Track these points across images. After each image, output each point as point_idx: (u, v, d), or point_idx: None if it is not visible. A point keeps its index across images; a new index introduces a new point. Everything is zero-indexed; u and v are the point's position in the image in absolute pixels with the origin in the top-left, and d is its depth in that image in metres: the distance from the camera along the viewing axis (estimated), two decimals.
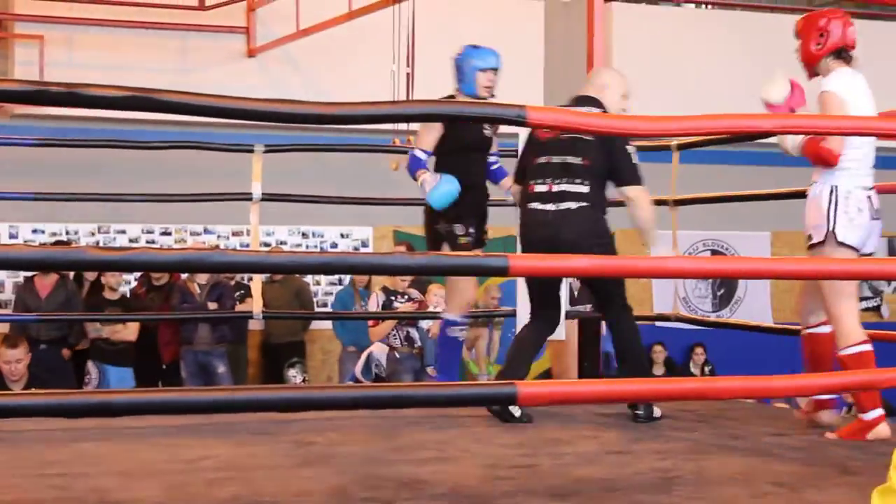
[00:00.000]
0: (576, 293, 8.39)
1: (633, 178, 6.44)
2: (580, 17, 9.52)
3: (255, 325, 12.79)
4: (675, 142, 8.16)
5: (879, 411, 5.84)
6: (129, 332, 11.95)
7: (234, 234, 14.30)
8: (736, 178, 12.25)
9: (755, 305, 15.82)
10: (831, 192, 5.83)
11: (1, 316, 12.52)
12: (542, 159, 6.44)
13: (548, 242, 6.18)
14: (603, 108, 6.42)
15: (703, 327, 9.98)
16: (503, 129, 6.81)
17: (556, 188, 6.36)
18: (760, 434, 6.06)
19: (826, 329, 6.03)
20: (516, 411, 6.26)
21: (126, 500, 4.41)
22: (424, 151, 6.96)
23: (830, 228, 5.81)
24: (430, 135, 6.95)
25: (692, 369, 14.79)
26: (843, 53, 6.01)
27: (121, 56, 13.47)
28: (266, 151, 8.31)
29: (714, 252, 15.77)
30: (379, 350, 11.56)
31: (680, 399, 5.88)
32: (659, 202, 8.10)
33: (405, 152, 6.83)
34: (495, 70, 7.10)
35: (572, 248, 5.98)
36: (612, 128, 4.65)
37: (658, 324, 11.46)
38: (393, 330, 11.12)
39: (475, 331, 12.99)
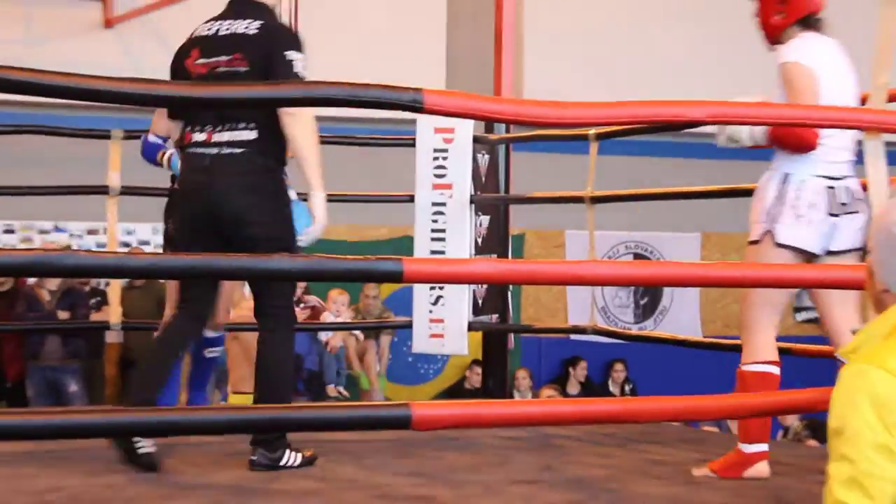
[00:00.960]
0: (480, 301, 8.42)
1: None
2: None
3: (112, 336, 12.70)
4: (592, 131, 7.92)
5: (763, 446, 5.57)
6: None
7: (90, 232, 14.22)
8: (662, 173, 12.40)
9: (682, 317, 15.94)
10: (783, 180, 5.49)
11: None
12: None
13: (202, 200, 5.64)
14: (268, 10, 5.72)
15: (623, 341, 10.07)
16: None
17: (216, 137, 5.63)
18: (686, 460, 6.12)
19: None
20: (144, 448, 5.56)
21: None
22: (159, 136, 6.82)
23: (768, 226, 5.48)
24: (162, 120, 6.64)
25: (611, 388, 14.86)
26: (810, 20, 5.63)
27: None
28: (126, 137, 8.25)
29: (637, 255, 15.90)
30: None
31: (596, 422, 5.92)
32: (574, 199, 8.16)
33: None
34: None
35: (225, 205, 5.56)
36: (519, 115, 4.67)
37: (573, 337, 11.57)
38: None
39: (363, 343, 13.01)
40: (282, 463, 5.55)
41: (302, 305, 10.94)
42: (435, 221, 7.91)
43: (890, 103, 5.19)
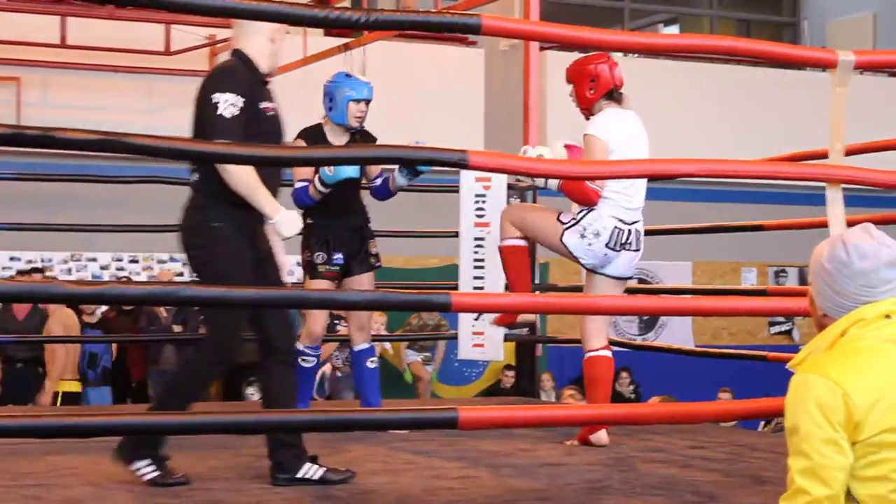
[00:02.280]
0: None
1: (213, 131, 4.75)
2: (517, 64, 9.60)
3: None
4: None
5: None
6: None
7: None
8: (661, 212, 12.38)
9: (678, 329, 15.89)
10: (587, 210, 5.88)
11: None
12: None
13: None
14: (248, 58, 5.02)
15: (629, 350, 10.02)
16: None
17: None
18: (681, 447, 6.11)
19: (605, 353, 6.14)
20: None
21: None
22: (303, 181, 6.53)
23: (566, 226, 5.89)
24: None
25: (619, 389, 14.80)
26: (614, 94, 6.08)
27: (92, 97, 13.44)
28: None
29: (641, 280, 15.83)
30: (330, 370, 11.65)
31: (608, 423, 5.93)
32: None
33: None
34: (367, 101, 6.67)
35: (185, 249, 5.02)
36: (542, 171, 4.68)
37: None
38: (335, 351, 11.21)
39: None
40: (299, 475, 4.93)
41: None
42: (476, 252, 7.91)
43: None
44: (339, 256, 6.69)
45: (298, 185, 6.55)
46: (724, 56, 10.68)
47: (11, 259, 13.66)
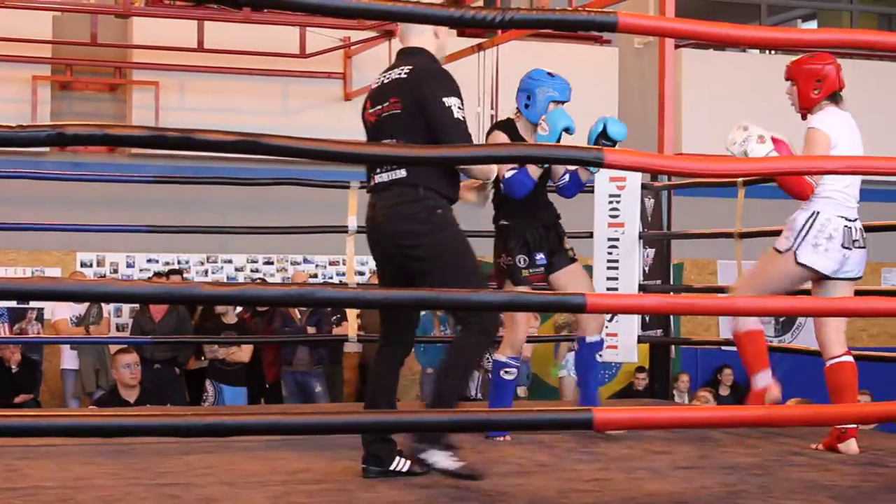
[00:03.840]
0: (647, 318, 8.37)
1: (451, 135, 4.99)
2: (652, 63, 9.55)
3: (350, 347, 12.83)
4: (740, 178, 7.89)
5: (852, 426, 5.85)
6: (243, 353, 12.09)
7: (331, 263, 14.39)
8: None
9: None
10: (810, 216, 5.82)
11: (121, 338, 12.68)
12: None
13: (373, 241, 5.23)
14: (428, 55, 5.23)
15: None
16: None
17: (377, 179, 5.18)
18: (819, 451, 6.01)
19: (848, 358, 5.96)
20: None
21: None
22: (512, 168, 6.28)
23: (794, 247, 5.82)
24: None
25: (719, 390, 14.64)
26: (836, 96, 6.00)
27: (228, 100, 13.66)
28: (361, 187, 8.35)
29: None
30: (481, 373, 11.70)
31: (742, 426, 5.86)
32: (725, 234, 8.08)
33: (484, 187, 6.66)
34: (565, 102, 6.51)
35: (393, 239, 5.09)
36: (679, 168, 4.64)
37: (724, 348, 11.39)
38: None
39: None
40: (391, 468, 5.03)
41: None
42: (610, 253, 7.89)
43: None
44: (541, 256, 6.44)
45: (509, 173, 6.25)
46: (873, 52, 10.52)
47: (149, 261, 13.93)
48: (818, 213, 5.81)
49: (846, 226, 5.83)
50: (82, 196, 12.59)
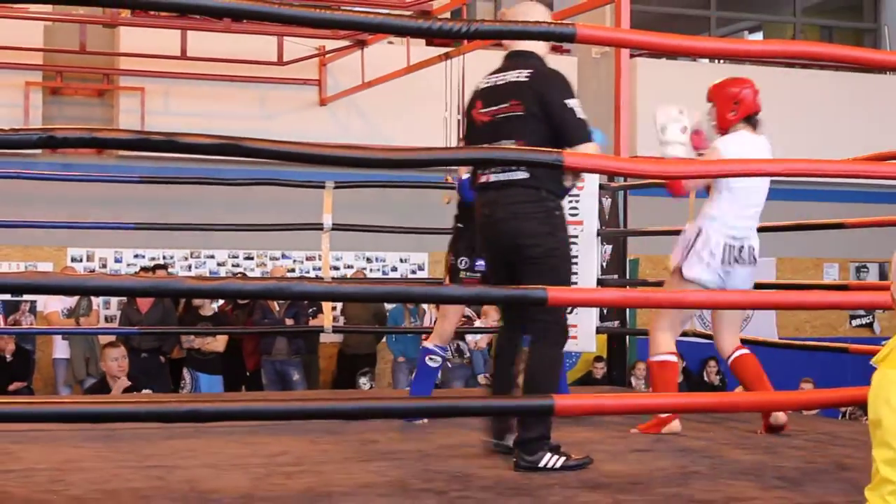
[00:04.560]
0: (604, 310, 8.38)
1: (578, 135, 4.92)
2: (609, 71, 9.56)
3: (326, 338, 12.82)
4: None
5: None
6: (218, 343, 12.08)
7: (308, 258, 14.37)
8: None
9: (763, 322, 15.68)
10: (697, 233, 5.88)
11: (110, 329, 12.66)
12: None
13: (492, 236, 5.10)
14: (539, 57, 5.12)
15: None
16: None
17: (493, 178, 5.06)
18: (766, 435, 6.04)
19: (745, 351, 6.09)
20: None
21: (216, 490, 4.44)
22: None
23: (679, 263, 5.90)
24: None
25: (706, 379, 14.69)
26: (751, 119, 6.00)
27: (210, 105, 13.61)
28: (336, 187, 8.36)
29: None
30: None
31: (696, 412, 5.88)
32: (677, 231, 8.09)
33: (454, 187, 6.63)
34: None
35: (514, 237, 4.98)
36: (633, 170, 4.66)
37: (677, 338, 11.43)
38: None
39: None
40: (541, 465, 4.84)
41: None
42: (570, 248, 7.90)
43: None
44: (481, 263, 6.26)
45: (465, 175, 6.11)
46: (814, 62, 10.56)
47: (136, 256, 13.89)
48: (699, 236, 5.87)
49: (728, 244, 5.84)
50: (73, 195, 12.52)
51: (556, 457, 4.86)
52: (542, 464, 4.84)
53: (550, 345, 4.96)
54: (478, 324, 11.74)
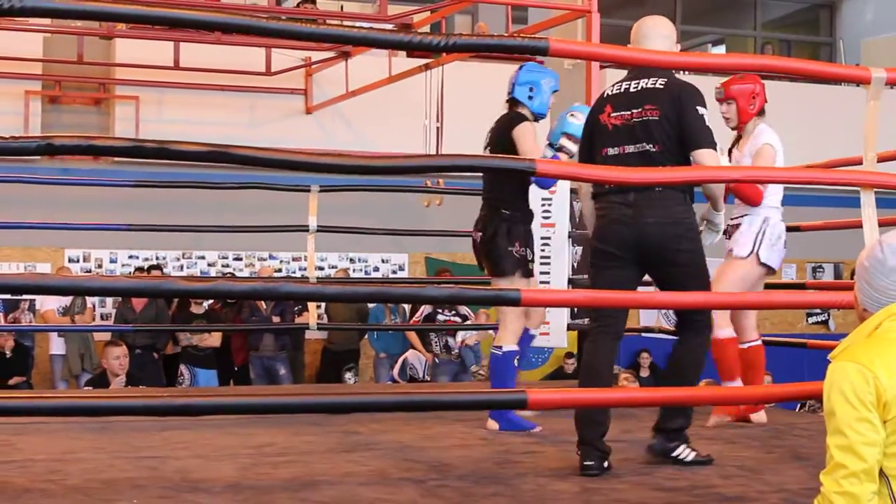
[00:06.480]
0: (575, 309, 8.37)
1: (705, 140, 4.81)
2: (580, 82, 9.56)
3: (311, 334, 12.80)
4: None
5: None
6: (213, 339, 12.10)
7: (294, 259, 14.33)
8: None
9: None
10: (763, 222, 6.08)
11: (105, 326, 12.64)
12: (614, 150, 4.92)
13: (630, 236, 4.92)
14: (671, 76, 4.99)
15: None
16: None
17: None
18: (726, 426, 6.06)
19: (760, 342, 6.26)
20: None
21: (206, 479, 4.45)
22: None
23: (755, 249, 6.02)
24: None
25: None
26: (763, 112, 6.21)
27: (202, 113, 13.58)
28: (321, 191, 8.35)
29: None
30: (413, 356, 11.69)
31: (660, 405, 5.88)
32: None
33: (435, 192, 6.63)
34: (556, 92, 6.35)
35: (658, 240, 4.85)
36: (599, 177, 4.67)
37: (643, 335, 11.47)
38: (434, 338, 11.29)
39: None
40: (674, 455, 4.85)
41: (454, 312, 11.15)
42: (543, 251, 7.90)
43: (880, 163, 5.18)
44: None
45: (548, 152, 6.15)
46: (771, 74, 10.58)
47: (130, 257, 13.84)
48: (767, 224, 6.09)
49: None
50: (70, 199, 12.45)
51: (689, 450, 4.88)
52: (675, 453, 4.86)
53: (702, 343, 5.02)
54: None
